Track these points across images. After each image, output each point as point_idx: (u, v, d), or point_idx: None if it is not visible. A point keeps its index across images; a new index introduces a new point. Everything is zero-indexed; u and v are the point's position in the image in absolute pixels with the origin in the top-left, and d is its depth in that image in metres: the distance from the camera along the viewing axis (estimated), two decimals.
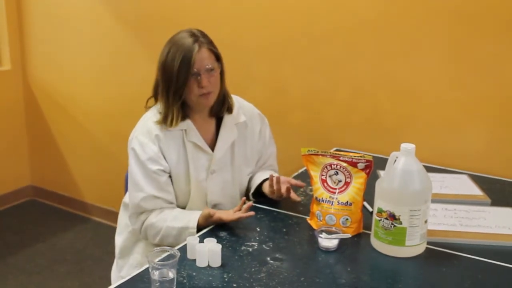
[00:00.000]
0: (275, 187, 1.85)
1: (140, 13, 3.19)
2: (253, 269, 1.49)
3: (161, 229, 1.79)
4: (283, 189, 1.85)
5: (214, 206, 1.93)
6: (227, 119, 1.93)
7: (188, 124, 1.85)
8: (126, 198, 2.01)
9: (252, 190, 2.00)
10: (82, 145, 3.71)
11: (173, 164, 1.84)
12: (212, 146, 1.91)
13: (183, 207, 1.89)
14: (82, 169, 3.78)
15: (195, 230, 1.75)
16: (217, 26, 2.86)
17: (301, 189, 2.07)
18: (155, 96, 1.90)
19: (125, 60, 3.32)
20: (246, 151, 1.99)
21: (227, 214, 1.73)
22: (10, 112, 3.84)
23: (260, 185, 1.98)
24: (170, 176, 1.86)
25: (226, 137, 1.92)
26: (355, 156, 1.68)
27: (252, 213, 1.72)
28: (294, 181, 1.90)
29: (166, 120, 1.82)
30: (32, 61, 3.79)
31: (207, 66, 1.78)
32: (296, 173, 2.27)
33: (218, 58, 1.85)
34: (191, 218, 1.78)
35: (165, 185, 1.83)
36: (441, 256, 1.58)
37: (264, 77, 2.83)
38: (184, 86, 1.77)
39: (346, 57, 2.58)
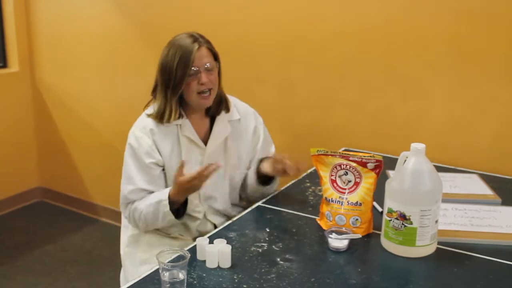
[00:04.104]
0: (278, 166, 1.86)
1: (148, 15, 3.19)
2: (263, 270, 1.49)
3: (142, 210, 1.86)
4: (288, 165, 1.84)
5: (206, 199, 1.98)
6: (221, 116, 1.99)
7: (183, 120, 1.91)
8: None
9: (252, 175, 2.00)
10: (90, 147, 3.72)
11: (167, 157, 1.90)
12: (206, 142, 1.96)
13: None
14: (90, 170, 3.79)
15: (167, 201, 1.80)
16: (226, 27, 2.87)
17: (311, 190, 2.07)
18: (154, 96, 1.96)
19: (133, 62, 3.33)
20: (239, 147, 2.02)
21: (189, 173, 1.73)
22: (18, 113, 3.86)
23: (258, 170, 1.98)
24: (163, 169, 1.92)
25: (219, 132, 1.97)
26: (364, 156, 1.67)
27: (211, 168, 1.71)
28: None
29: (163, 116, 1.88)
30: (40, 63, 3.80)
31: (206, 65, 1.84)
32: (305, 174, 2.26)
33: (216, 57, 1.90)
34: (163, 191, 1.85)
35: (156, 179, 1.90)
36: (452, 256, 1.58)
37: (272, 77, 2.82)
38: (182, 81, 1.82)
39: (354, 57, 2.57)
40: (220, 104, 1.97)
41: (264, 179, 1.98)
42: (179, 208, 1.86)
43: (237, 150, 2.02)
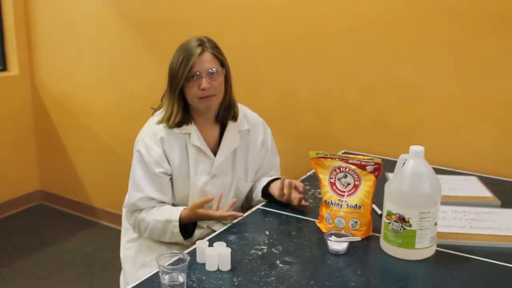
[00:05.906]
0: (285, 191, 1.86)
1: (147, 17, 3.20)
2: (262, 273, 1.49)
3: (149, 223, 1.86)
4: (294, 195, 1.88)
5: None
6: (231, 126, 1.97)
7: (192, 128, 1.90)
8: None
9: (260, 190, 2.01)
10: (90, 150, 3.72)
11: (176, 167, 1.89)
12: (215, 151, 1.94)
13: None
14: (90, 173, 3.80)
15: (178, 223, 1.81)
16: (225, 29, 2.87)
17: (310, 192, 2.07)
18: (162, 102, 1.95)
19: (132, 64, 3.33)
20: (247, 159, 2.02)
21: (217, 212, 1.79)
22: (18, 117, 3.86)
23: (267, 187, 2.00)
24: (171, 179, 1.90)
25: (228, 143, 1.95)
26: (364, 159, 1.67)
27: (240, 214, 1.82)
28: (299, 184, 1.92)
29: (169, 117, 1.87)
30: (40, 66, 3.81)
31: (210, 70, 1.82)
32: (304, 176, 2.26)
33: (222, 64, 1.88)
34: (174, 211, 1.84)
35: (165, 188, 1.89)
36: (451, 258, 1.58)
37: (272, 80, 2.83)
38: (181, 81, 1.82)
39: (354, 60, 2.57)
40: (229, 110, 1.95)
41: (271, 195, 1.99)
42: (187, 224, 1.86)
43: (245, 162, 2.01)
